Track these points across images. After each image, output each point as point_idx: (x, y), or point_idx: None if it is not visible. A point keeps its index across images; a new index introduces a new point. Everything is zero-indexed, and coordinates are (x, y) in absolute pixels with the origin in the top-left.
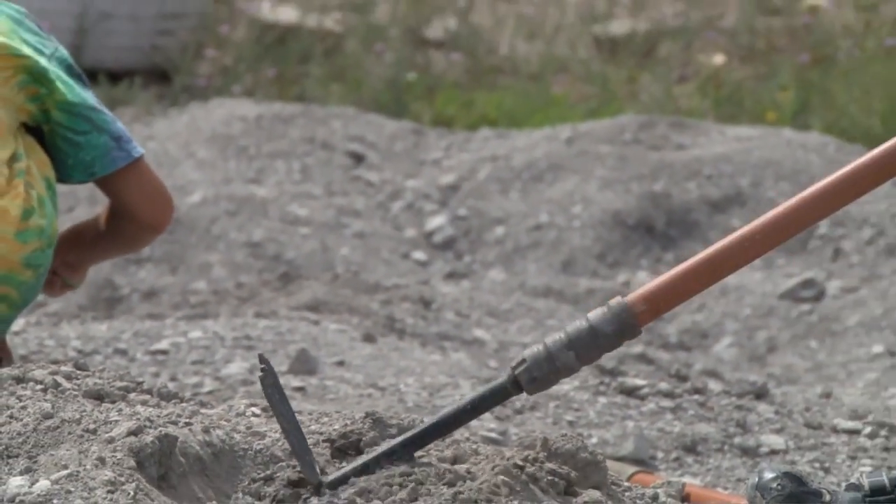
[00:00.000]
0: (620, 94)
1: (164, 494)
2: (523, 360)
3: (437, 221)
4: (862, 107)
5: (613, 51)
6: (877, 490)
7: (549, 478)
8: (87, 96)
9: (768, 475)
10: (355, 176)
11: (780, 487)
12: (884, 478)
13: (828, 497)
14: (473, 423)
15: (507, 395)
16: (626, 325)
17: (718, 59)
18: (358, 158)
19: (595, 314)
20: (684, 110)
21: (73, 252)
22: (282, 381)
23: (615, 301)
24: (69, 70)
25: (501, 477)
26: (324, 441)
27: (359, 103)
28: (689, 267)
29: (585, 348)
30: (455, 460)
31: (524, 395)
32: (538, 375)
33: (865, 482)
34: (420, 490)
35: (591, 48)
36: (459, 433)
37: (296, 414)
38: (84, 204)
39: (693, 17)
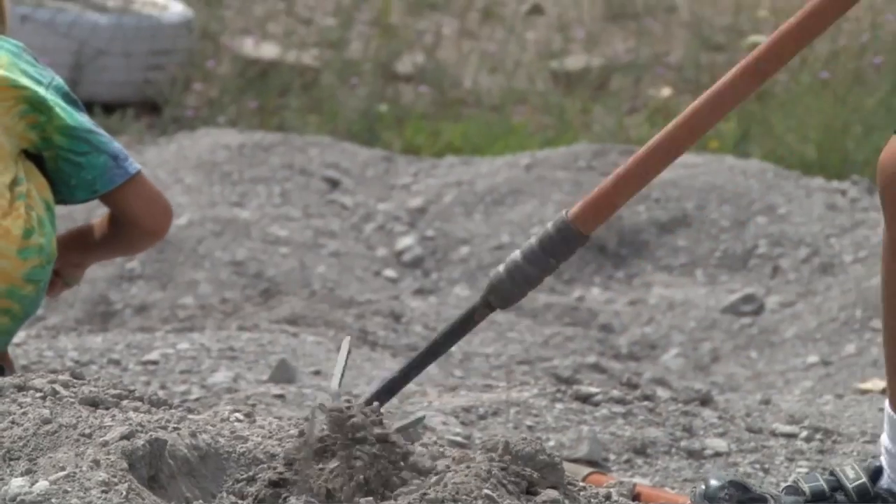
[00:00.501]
0: (575, 124)
1: (154, 494)
2: (490, 280)
3: (406, 242)
4: (798, 136)
5: (569, 84)
6: (817, 494)
7: (512, 478)
8: (84, 120)
9: (715, 484)
10: (331, 200)
11: (727, 497)
12: (822, 482)
13: (771, 502)
14: (438, 424)
15: (481, 314)
16: (566, 231)
17: (666, 92)
18: (333, 183)
19: (543, 230)
20: (634, 139)
21: (77, 253)
22: (262, 389)
23: (561, 213)
24: (66, 97)
25: (470, 477)
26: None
27: (334, 133)
28: (617, 173)
29: (535, 259)
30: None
31: (485, 398)
32: (503, 291)
33: (805, 487)
34: (390, 489)
35: (548, 82)
36: (427, 437)
37: (277, 419)
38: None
39: (642, 53)
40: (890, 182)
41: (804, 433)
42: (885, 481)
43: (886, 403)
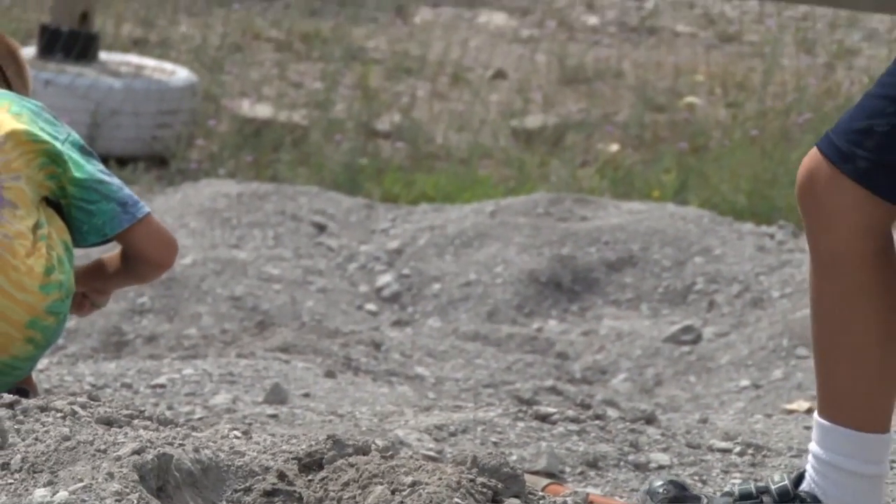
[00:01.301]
0: (534, 175)
1: (162, 503)
2: None
3: (385, 279)
4: (730, 186)
5: (528, 140)
6: (745, 495)
7: (479, 488)
8: (95, 171)
9: (657, 482)
10: (318, 242)
11: (665, 492)
12: (751, 487)
13: (705, 500)
14: (413, 441)
15: None
16: None
17: (614, 147)
18: (320, 228)
19: None
20: (586, 189)
21: (99, 280)
22: (258, 409)
23: None
24: (82, 150)
25: (442, 488)
26: (293, 458)
27: (321, 183)
28: None
29: None
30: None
31: (455, 417)
32: None
33: (737, 490)
34: (369, 499)
35: (509, 138)
36: (404, 451)
37: (271, 436)
38: None
39: (593, 113)
40: (802, 192)
41: (737, 448)
42: (805, 484)
43: (815, 411)
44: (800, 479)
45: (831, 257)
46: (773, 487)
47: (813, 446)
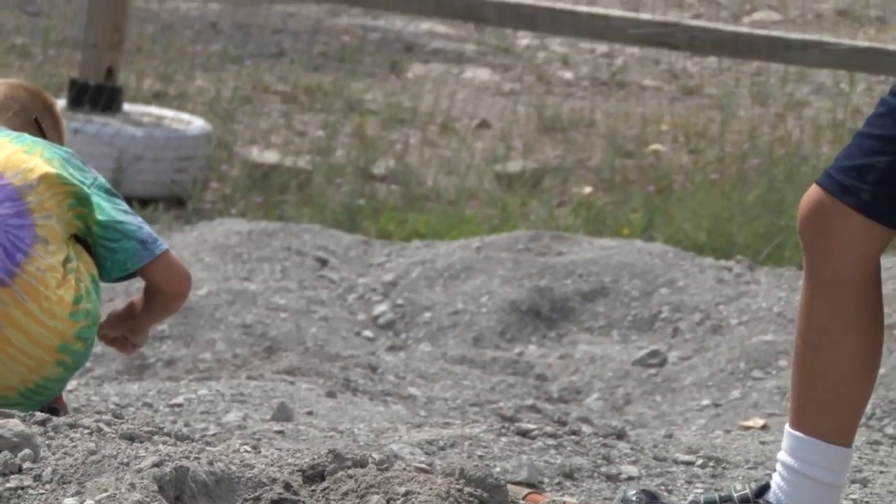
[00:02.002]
0: (515, 215)
1: None
2: None
3: (381, 308)
4: (692, 224)
5: (509, 183)
6: (709, 503)
7: (466, 497)
8: (117, 213)
9: (630, 491)
10: (321, 275)
11: (637, 500)
12: (714, 495)
13: None
14: (406, 454)
15: None
16: None
17: (587, 189)
18: (323, 262)
19: None
20: (562, 227)
21: (132, 321)
22: (266, 426)
23: None
24: (107, 192)
25: (433, 496)
26: (297, 471)
27: (323, 222)
28: None
29: None
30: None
31: (445, 433)
32: None
33: (701, 499)
34: None
35: (493, 182)
36: (398, 464)
37: (278, 450)
38: (121, 296)
39: (568, 158)
40: (806, 224)
41: (700, 461)
42: (771, 495)
43: (787, 423)
44: (761, 489)
45: (833, 281)
46: (735, 495)
47: (782, 455)
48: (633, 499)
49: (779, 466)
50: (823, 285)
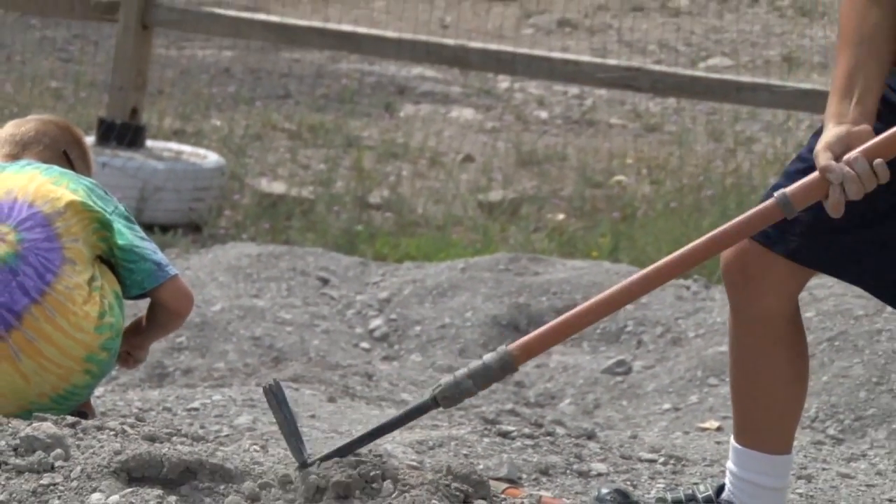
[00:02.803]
0: (496, 239)
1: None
2: (439, 385)
3: (376, 323)
4: (654, 247)
5: (491, 211)
6: (676, 502)
7: (453, 492)
8: (135, 238)
9: (604, 490)
10: (322, 293)
11: (611, 499)
12: (681, 495)
13: None
14: (399, 453)
15: (428, 408)
16: (506, 363)
17: (560, 216)
18: (324, 281)
19: (488, 356)
20: (538, 250)
21: (137, 337)
22: (272, 428)
23: (501, 348)
24: (126, 219)
25: (422, 491)
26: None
27: (324, 245)
28: (548, 327)
29: (480, 377)
30: (386, 478)
31: (433, 434)
32: (448, 395)
33: (668, 496)
34: (364, 500)
35: (476, 209)
36: (390, 462)
37: (284, 449)
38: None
39: (543, 189)
40: (731, 270)
41: (661, 459)
42: (725, 494)
43: (732, 437)
44: (720, 489)
45: (760, 319)
46: (699, 496)
47: (730, 465)
48: (608, 498)
49: (728, 474)
50: (751, 322)
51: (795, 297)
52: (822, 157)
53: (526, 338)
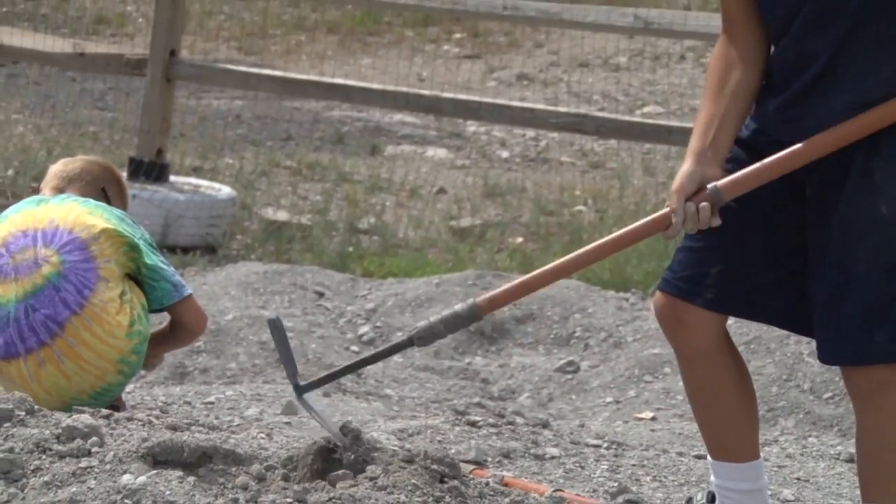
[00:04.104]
0: (465, 259)
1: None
2: (416, 328)
3: (364, 329)
4: (599, 266)
5: (461, 235)
6: None
7: (430, 472)
8: (157, 261)
9: (619, 500)
10: (319, 304)
11: None
12: (682, 501)
13: None
14: (384, 441)
15: (406, 346)
16: (473, 312)
17: (519, 240)
18: (320, 294)
19: (458, 306)
20: (501, 268)
21: (154, 348)
22: (276, 419)
23: (469, 300)
24: (150, 245)
25: (404, 473)
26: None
27: (320, 264)
28: (514, 284)
29: (450, 323)
30: (373, 461)
31: (413, 423)
32: (423, 336)
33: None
34: (349, 479)
35: (448, 234)
36: (376, 447)
37: (286, 437)
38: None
39: (505, 216)
40: (661, 320)
41: (605, 444)
42: (719, 501)
43: (708, 455)
44: (712, 498)
45: (697, 356)
46: (695, 503)
47: (713, 479)
48: None
49: (715, 487)
50: (691, 360)
51: (722, 332)
52: (674, 198)
53: (491, 293)
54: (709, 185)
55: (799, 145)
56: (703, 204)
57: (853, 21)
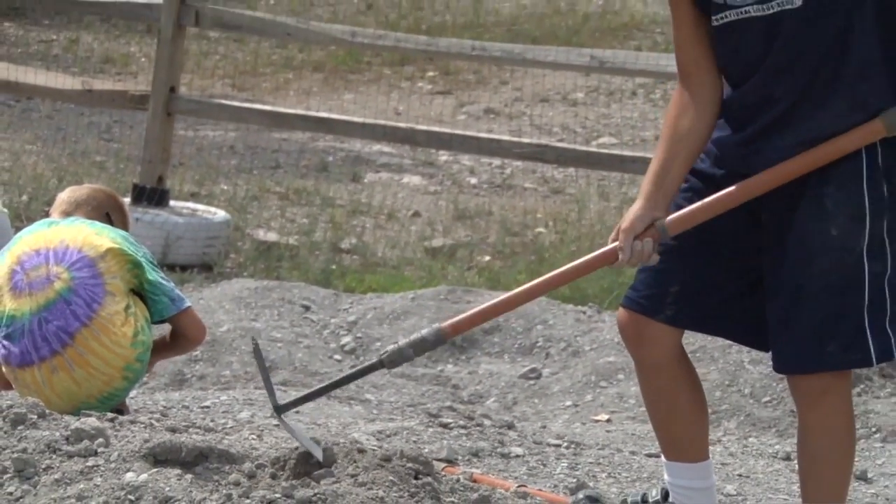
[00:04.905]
0: (438, 276)
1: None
2: (386, 351)
3: (346, 340)
4: None
5: (434, 254)
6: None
7: (405, 470)
8: (158, 277)
9: (580, 495)
10: (305, 317)
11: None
12: (638, 497)
13: None
14: (365, 441)
15: (376, 368)
16: (438, 337)
17: (487, 258)
18: (306, 308)
19: (424, 331)
20: (470, 284)
21: (157, 355)
22: (266, 422)
23: (435, 325)
24: (151, 262)
25: (382, 470)
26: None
27: (306, 281)
28: (474, 311)
29: (418, 346)
30: (354, 460)
31: (390, 425)
32: (393, 359)
33: (629, 500)
34: (325, 476)
35: (423, 253)
36: (357, 447)
37: (276, 438)
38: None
39: (474, 237)
40: (623, 334)
41: (565, 444)
42: (671, 499)
43: (663, 456)
44: (667, 494)
45: (656, 367)
46: (650, 500)
47: (666, 477)
48: (581, 500)
49: (668, 484)
50: (650, 370)
51: (678, 344)
52: (622, 236)
53: (454, 319)
54: (657, 222)
55: (741, 184)
56: (647, 239)
57: (814, 69)
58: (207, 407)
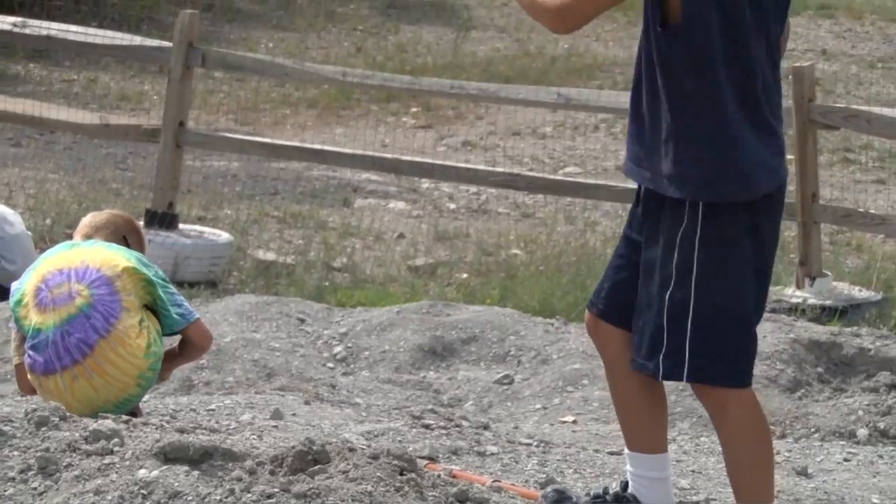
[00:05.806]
0: (420, 292)
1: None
2: None
3: (338, 349)
4: (530, 297)
5: (417, 272)
6: (596, 496)
7: (391, 467)
8: (169, 294)
9: (548, 489)
10: (301, 328)
11: (551, 497)
12: (599, 491)
13: (574, 499)
14: (354, 440)
15: None
16: None
17: (464, 276)
18: (302, 321)
19: None
20: (449, 299)
21: (168, 363)
22: (266, 423)
23: None
24: (163, 280)
25: (370, 468)
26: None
27: (302, 296)
28: None
29: None
30: (344, 457)
31: (378, 426)
32: None
33: (591, 492)
34: (319, 472)
35: (406, 271)
36: (347, 445)
37: (274, 438)
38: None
39: (453, 256)
40: (589, 332)
41: (535, 443)
42: (631, 488)
43: (626, 447)
44: (625, 485)
45: (610, 362)
46: (611, 491)
47: (628, 467)
48: (549, 495)
49: (629, 474)
50: (609, 365)
51: (630, 341)
52: None
53: None
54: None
55: None
56: None
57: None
58: (213, 410)
